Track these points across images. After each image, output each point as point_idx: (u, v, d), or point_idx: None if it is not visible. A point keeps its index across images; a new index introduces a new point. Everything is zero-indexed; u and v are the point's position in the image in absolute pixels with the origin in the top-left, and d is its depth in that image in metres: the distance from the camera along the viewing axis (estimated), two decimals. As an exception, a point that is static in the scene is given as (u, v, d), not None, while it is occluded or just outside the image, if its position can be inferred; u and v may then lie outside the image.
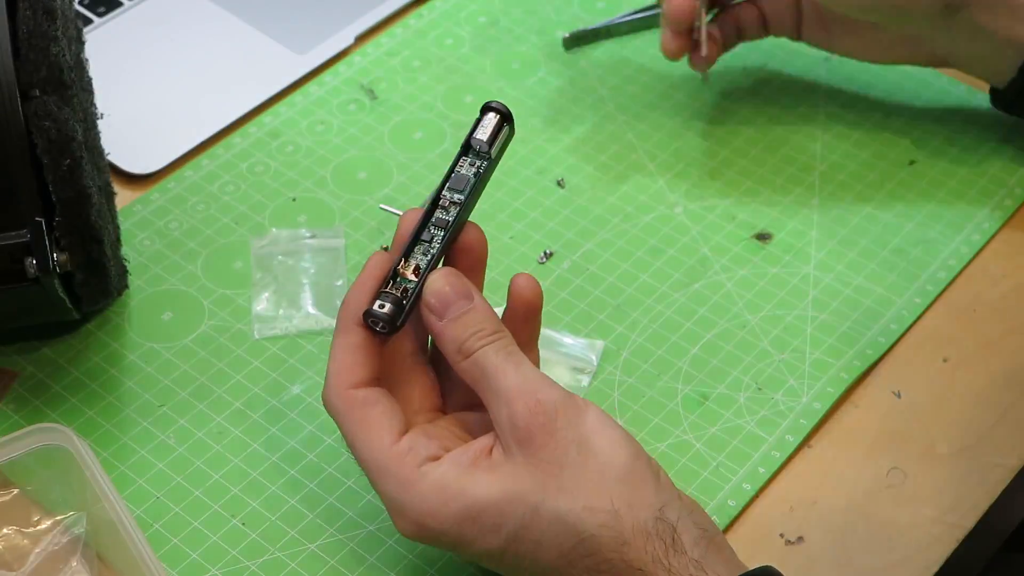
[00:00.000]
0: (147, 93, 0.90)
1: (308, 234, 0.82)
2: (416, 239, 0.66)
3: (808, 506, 0.72)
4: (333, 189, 0.86)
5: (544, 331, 0.71)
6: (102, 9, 0.95)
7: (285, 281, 0.80)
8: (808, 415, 0.76)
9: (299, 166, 0.87)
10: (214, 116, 0.89)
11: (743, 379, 0.77)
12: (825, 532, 0.71)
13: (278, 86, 0.91)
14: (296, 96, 0.91)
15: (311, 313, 0.79)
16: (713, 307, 0.81)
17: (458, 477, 0.63)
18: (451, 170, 0.67)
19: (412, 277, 0.65)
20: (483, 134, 0.67)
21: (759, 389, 0.77)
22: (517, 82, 0.92)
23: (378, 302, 0.65)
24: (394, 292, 0.65)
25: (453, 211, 0.66)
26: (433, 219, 0.66)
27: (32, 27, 0.68)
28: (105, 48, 0.92)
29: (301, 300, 0.79)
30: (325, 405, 0.66)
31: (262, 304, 0.79)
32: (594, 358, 0.77)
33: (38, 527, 0.69)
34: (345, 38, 0.94)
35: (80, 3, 0.95)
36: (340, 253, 0.82)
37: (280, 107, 0.90)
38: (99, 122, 0.78)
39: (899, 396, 0.77)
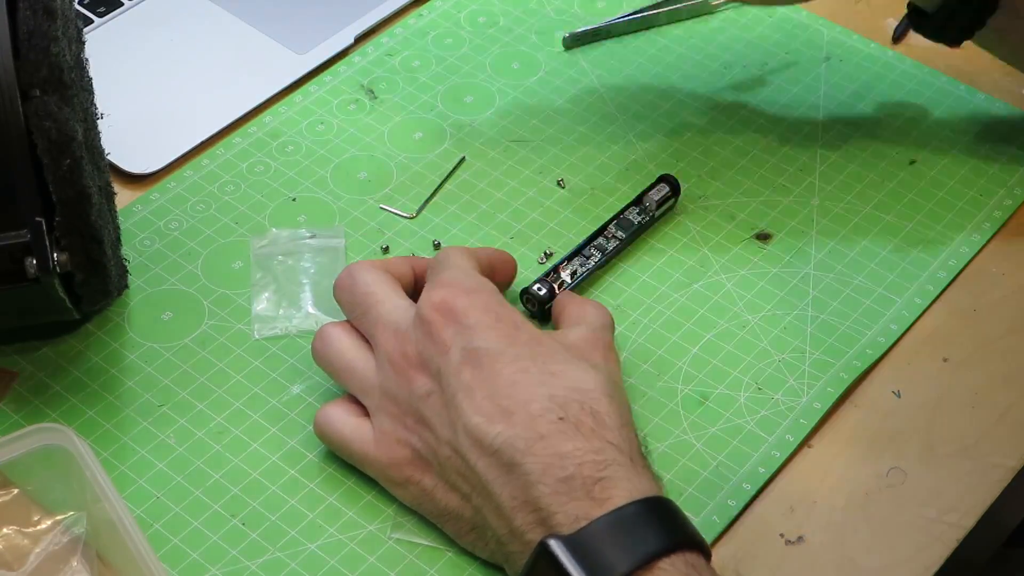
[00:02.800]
0: (147, 93, 0.90)
1: (308, 234, 0.82)
2: (579, 252, 0.80)
3: (808, 506, 0.72)
4: (333, 189, 0.86)
5: None
6: (102, 9, 0.95)
7: (285, 281, 0.80)
8: (808, 415, 0.76)
9: (299, 166, 0.87)
10: (214, 116, 0.89)
11: (743, 379, 0.77)
12: (825, 532, 0.71)
13: (278, 86, 0.91)
14: (296, 96, 0.91)
15: (311, 313, 0.79)
16: (713, 307, 0.81)
17: None
18: (620, 213, 0.83)
19: (567, 279, 0.79)
20: (655, 195, 0.83)
21: (759, 389, 0.77)
22: (517, 82, 0.92)
23: (537, 285, 0.78)
24: (551, 283, 0.78)
25: (613, 243, 0.81)
26: (595, 243, 0.81)
27: (32, 27, 0.67)
28: (105, 48, 0.92)
29: (301, 300, 0.79)
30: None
31: (262, 304, 0.79)
32: None
33: (38, 527, 0.69)
34: (345, 38, 0.94)
35: (80, 3, 0.95)
36: (340, 253, 0.82)
37: (280, 107, 0.90)
38: (99, 122, 0.78)
39: (899, 396, 0.77)
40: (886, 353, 0.79)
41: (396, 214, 0.84)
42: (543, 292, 0.78)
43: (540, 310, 0.78)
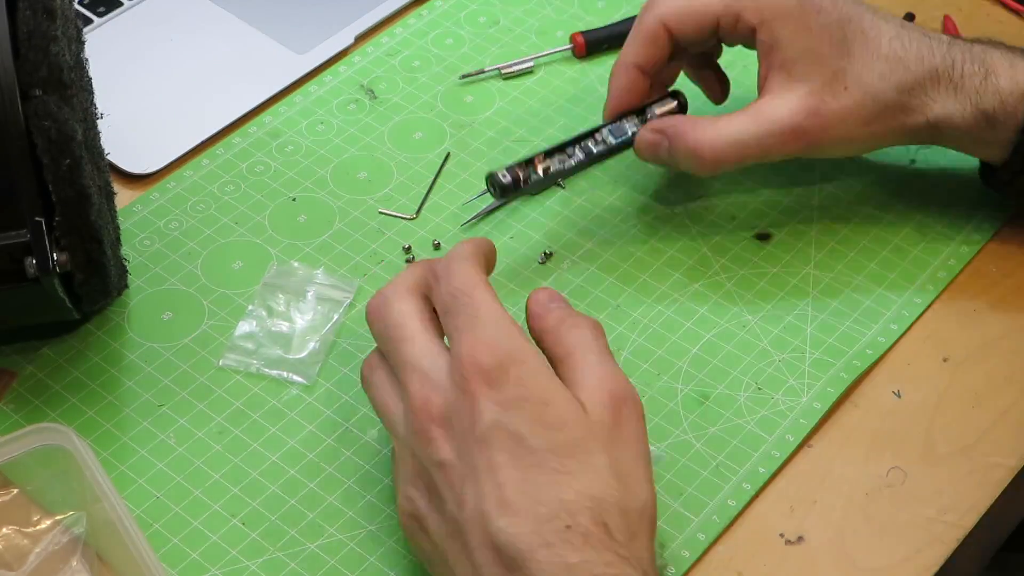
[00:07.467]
0: (147, 93, 0.91)
1: (322, 277, 0.80)
2: (562, 147, 0.78)
3: (808, 506, 0.72)
4: (333, 189, 0.86)
5: None
6: (102, 9, 0.95)
7: (276, 320, 0.78)
8: (808, 415, 0.76)
9: (299, 166, 0.87)
10: (214, 116, 0.89)
11: (743, 379, 0.77)
12: (825, 532, 0.71)
13: (278, 86, 0.91)
14: (296, 96, 0.91)
15: (279, 362, 0.77)
16: (713, 307, 0.81)
17: None
18: (616, 119, 0.80)
19: (540, 172, 0.77)
20: (658, 108, 0.81)
21: (759, 389, 0.77)
22: (517, 82, 0.92)
23: (503, 171, 0.76)
24: (519, 172, 0.76)
25: (600, 147, 0.79)
26: (581, 143, 0.78)
27: (32, 27, 0.68)
28: (105, 48, 0.92)
29: (278, 347, 0.77)
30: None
31: (241, 332, 0.78)
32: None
33: (38, 527, 0.69)
34: (345, 38, 0.94)
35: (80, 3, 0.95)
36: (340, 307, 0.79)
37: (280, 107, 0.90)
38: (99, 122, 0.78)
39: (899, 396, 0.77)
40: (886, 353, 0.79)
41: (396, 216, 0.84)
42: (507, 180, 0.76)
43: (500, 195, 0.77)
